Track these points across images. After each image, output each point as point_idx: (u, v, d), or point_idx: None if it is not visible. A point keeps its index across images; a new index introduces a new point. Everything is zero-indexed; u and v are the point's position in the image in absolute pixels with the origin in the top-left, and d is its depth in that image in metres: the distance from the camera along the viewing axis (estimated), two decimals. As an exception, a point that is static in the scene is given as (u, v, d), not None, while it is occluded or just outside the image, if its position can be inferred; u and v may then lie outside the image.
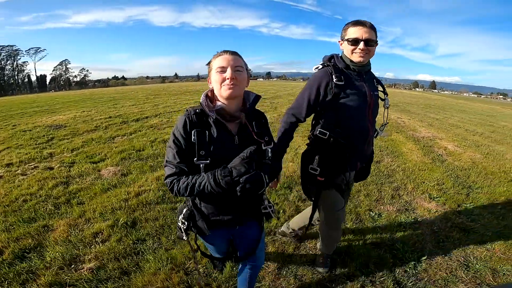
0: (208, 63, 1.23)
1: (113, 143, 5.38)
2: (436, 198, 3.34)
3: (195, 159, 1.12)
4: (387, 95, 1.79)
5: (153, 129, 6.55)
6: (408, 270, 2.12)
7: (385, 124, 1.82)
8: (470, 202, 3.27)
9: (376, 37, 1.51)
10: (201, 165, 1.12)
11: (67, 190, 3.29)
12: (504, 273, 2.11)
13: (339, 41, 1.61)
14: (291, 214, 2.80)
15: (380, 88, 1.76)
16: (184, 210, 1.27)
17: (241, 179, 1.04)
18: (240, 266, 1.63)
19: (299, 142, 5.26)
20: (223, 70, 1.14)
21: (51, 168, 4.03)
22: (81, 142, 5.37)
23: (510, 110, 21.07)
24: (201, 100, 1.20)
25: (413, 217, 2.89)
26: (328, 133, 1.56)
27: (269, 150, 1.25)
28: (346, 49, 1.54)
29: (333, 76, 1.50)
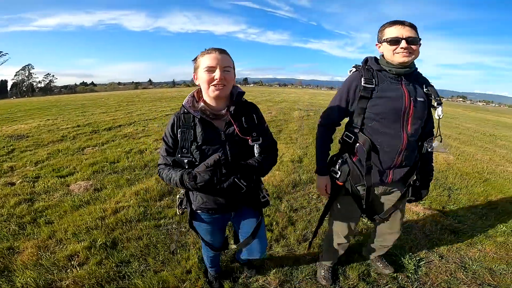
0: (195, 59, 1.23)
1: (82, 154, 4.96)
2: (422, 201, 3.37)
3: (178, 155, 1.24)
4: (440, 104, 1.47)
5: (127, 138, 6.15)
6: (410, 275, 2.12)
7: (434, 137, 1.58)
8: (453, 203, 3.34)
9: (418, 35, 1.39)
10: (184, 161, 1.22)
11: (32, 208, 2.96)
12: (501, 273, 2.18)
13: (376, 44, 1.52)
14: (284, 225, 2.70)
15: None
16: (181, 193, 1.47)
17: (218, 186, 1.16)
18: (242, 253, 1.68)
19: (283, 150, 5.14)
20: (211, 69, 1.16)
21: (13, 184, 3.62)
22: (46, 154, 4.89)
23: (471, 112, 22.75)
24: (184, 102, 1.25)
25: (403, 221, 2.87)
26: (353, 137, 1.51)
27: (257, 145, 1.27)
28: (386, 50, 1.43)
29: (362, 79, 1.45)
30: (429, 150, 1.55)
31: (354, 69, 1.55)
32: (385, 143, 1.46)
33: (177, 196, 1.48)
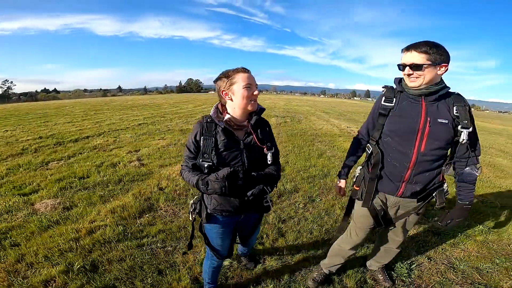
0: (225, 77, 1.37)
1: (47, 169, 4.51)
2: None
3: (199, 160, 1.38)
4: (466, 128, 1.41)
5: (97, 150, 5.72)
6: (404, 279, 2.17)
7: (450, 162, 1.53)
8: (430, 204, 3.45)
9: (433, 58, 1.36)
10: (205, 165, 1.36)
11: (-7, 229, 2.63)
12: (487, 271, 2.29)
13: None
14: (275, 237, 2.62)
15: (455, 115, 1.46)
16: (195, 198, 1.58)
17: (249, 193, 1.39)
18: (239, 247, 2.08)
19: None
20: (250, 87, 1.35)
21: (-34, 205, 3.16)
22: (5, 170, 4.40)
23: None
24: (211, 113, 1.42)
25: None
26: (372, 148, 1.63)
27: (270, 154, 1.47)
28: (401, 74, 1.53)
29: (383, 97, 1.58)
30: (445, 174, 1.54)
31: (383, 89, 1.65)
32: (395, 158, 1.55)
33: (191, 202, 1.57)
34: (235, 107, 1.40)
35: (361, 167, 1.76)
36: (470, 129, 1.41)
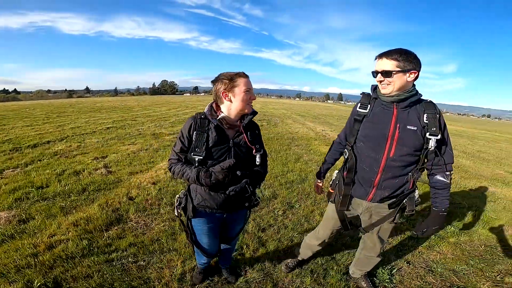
0: (227, 79, 1.42)
1: (1, 178, 4.03)
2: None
3: (191, 153, 1.45)
4: (434, 135, 1.43)
5: (59, 157, 5.23)
6: (387, 285, 2.19)
7: (418, 168, 1.54)
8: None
9: (402, 65, 1.39)
10: (196, 159, 1.43)
11: None
12: (464, 273, 2.35)
13: None
14: (255, 247, 2.52)
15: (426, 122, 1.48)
16: (181, 192, 1.61)
17: (228, 191, 1.47)
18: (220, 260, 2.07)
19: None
20: (249, 91, 1.44)
21: None
22: (-50, 180, 3.86)
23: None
24: (205, 110, 1.50)
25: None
26: (347, 153, 1.67)
27: (258, 155, 1.56)
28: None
29: (359, 104, 1.63)
30: (415, 180, 1.55)
31: (361, 95, 1.70)
32: (366, 163, 1.60)
33: (177, 196, 1.61)
34: (231, 108, 1.47)
35: (337, 171, 1.82)
36: (438, 137, 1.43)
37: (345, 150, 1.71)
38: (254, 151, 1.54)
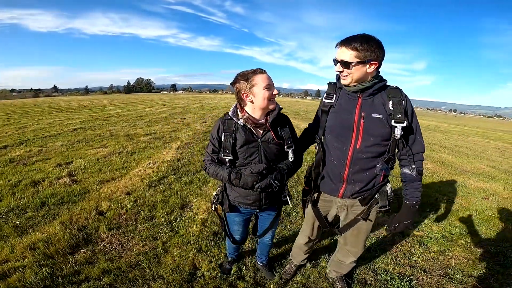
0: (243, 79, 1.41)
1: None
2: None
3: (221, 154, 1.52)
4: (400, 122, 1.34)
5: (15, 164, 4.52)
6: None
7: (384, 158, 1.44)
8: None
9: (362, 56, 1.30)
10: (226, 159, 1.50)
11: None
12: (484, 277, 2.21)
13: None
14: (254, 270, 2.16)
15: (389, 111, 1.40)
16: (218, 189, 1.72)
17: (256, 185, 1.44)
18: (258, 240, 2.03)
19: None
20: (270, 87, 1.41)
21: None
22: None
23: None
24: (230, 113, 1.51)
25: (372, 237, 2.70)
26: (317, 147, 1.61)
27: (291, 151, 1.54)
28: None
29: (325, 94, 1.57)
30: (380, 170, 1.45)
31: (328, 85, 1.60)
32: (334, 156, 1.53)
33: (214, 193, 1.71)
34: (255, 108, 1.45)
35: (308, 166, 1.74)
36: (404, 124, 1.33)
37: (315, 143, 1.65)
38: (286, 147, 1.53)
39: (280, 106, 1.51)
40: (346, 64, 1.33)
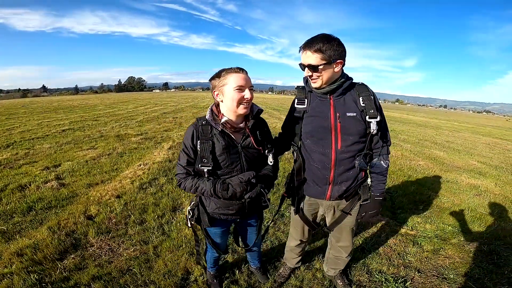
0: (218, 77, 1.30)
1: None
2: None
3: (198, 165, 1.36)
4: (374, 117, 1.39)
5: (1, 168, 4.38)
6: None
7: (362, 154, 1.47)
8: (398, 208, 3.35)
9: (327, 57, 1.30)
10: (205, 170, 1.34)
11: None
12: (477, 277, 2.21)
13: None
14: (247, 273, 2.11)
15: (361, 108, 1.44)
16: (192, 203, 1.56)
17: (246, 195, 1.34)
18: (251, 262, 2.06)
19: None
20: (241, 89, 1.28)
21: None
22: None
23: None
24: (207, 116, 1.36)
25: (366, 237, 2.68)
26: (295, 154, 1.58)
27: (271, 155, 1.46)
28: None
29: (296, 99, 1.54)
30: (358, 166, 1.47)
31: (296, 90, 1.58)
32: (316, 160, 1.51)
33: (188, 209, 1.56)
34: (227, 109, 1.33)
35: (288, 173, 1.72)
36: (378, 118, 1.38)
37: (292, 150, 1.61)
38: (266, 151, 1.45)
39: (261, 108, 1.43)
40: (314, 68, 1.34)
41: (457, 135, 12.56)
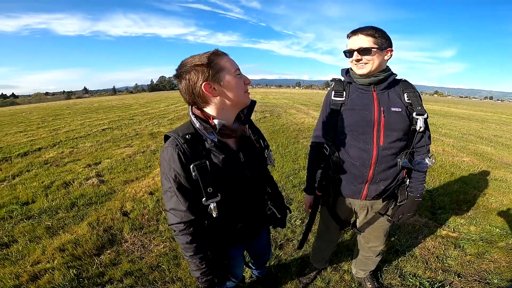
0: (204, 65, 0.90)
1: (-16, 195, 3.63)
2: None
3: (203, 199, 0.97)
4: (421, 114, 1.31)
5: (48, 166, 4.80)
6: None
7: (408, 151, 1.38)
8: (438, 208, 3.10)
9: (380, 42, 1.26)
10: (211, 206, 0.98)
11: None
12: None
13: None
14: (273, 271, 2.06)
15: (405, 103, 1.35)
16: None
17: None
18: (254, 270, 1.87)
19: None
20: (240, 73, 0.99)
21: None
22: None
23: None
24: (197, 126, 0.97)
25: (401, 239, 2.51)
26: (329, 150, 1.47)
27: (269, 153, 1.24)
28: (349, 62, 1.40)
29: (333, 92, 1.46)
30: (402, 165, 1.38)
31: (332, 82, 1.52)
32: (355, 157, 1.41)
33: None
34: (224, 107, 0.99)
35: (320, 170, 1.58)
36: (425, 116, 1.31)
37: (326, 146, 1.50)
38: (266, 150, 1.23)
39: (254, 100, 1.10)
40: (366, 51, 1.27)
41: (505, 129, 11.30)
